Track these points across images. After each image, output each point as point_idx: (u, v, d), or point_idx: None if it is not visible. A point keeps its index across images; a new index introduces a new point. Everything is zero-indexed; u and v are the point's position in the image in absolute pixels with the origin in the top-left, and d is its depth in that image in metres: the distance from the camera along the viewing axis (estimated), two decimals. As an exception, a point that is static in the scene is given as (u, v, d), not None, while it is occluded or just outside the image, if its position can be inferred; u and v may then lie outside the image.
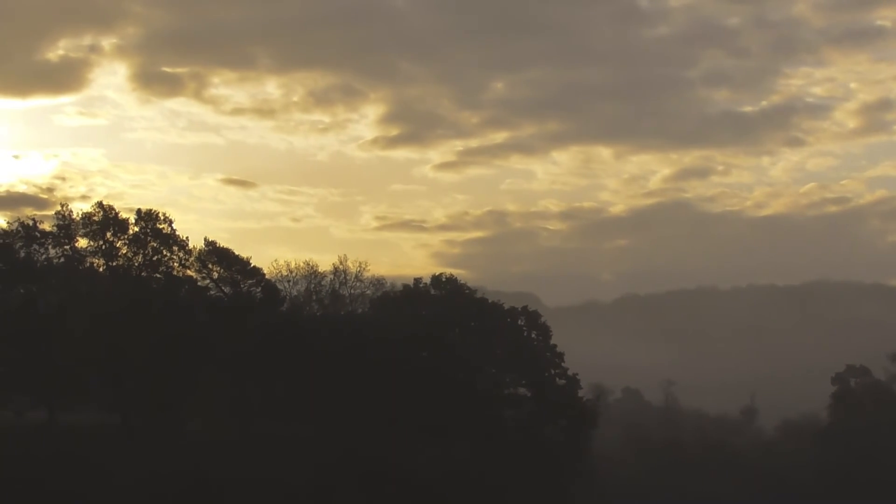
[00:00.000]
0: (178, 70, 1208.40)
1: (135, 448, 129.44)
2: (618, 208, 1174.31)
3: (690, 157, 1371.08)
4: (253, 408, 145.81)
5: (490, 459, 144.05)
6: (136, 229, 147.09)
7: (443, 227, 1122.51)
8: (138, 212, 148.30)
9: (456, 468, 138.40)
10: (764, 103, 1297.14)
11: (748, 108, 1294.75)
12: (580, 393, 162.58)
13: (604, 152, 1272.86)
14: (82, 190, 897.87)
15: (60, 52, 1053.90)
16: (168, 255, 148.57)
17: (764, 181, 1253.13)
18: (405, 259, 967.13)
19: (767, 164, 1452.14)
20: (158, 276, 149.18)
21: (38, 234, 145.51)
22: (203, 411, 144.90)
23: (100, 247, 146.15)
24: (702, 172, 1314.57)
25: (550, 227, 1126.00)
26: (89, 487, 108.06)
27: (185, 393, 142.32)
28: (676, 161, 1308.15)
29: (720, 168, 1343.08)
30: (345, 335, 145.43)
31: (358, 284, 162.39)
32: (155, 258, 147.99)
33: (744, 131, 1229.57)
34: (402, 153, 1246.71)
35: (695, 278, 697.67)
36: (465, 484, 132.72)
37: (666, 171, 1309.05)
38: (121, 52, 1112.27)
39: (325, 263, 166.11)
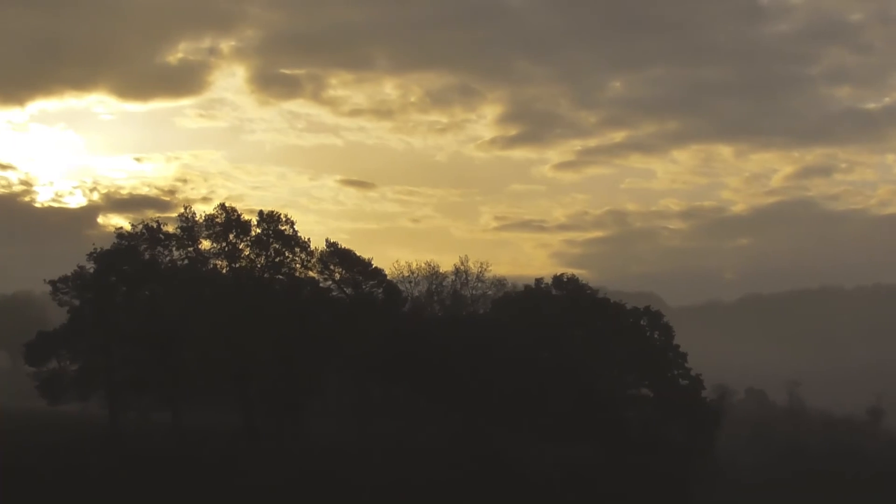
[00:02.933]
0: (297, 72, 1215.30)
1: (258, 450, 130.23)
2: (739, 207, 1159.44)
3: (812, 155, 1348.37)
4: (375, 409, 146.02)
5: (611, 460, 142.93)
6: (259, 231, 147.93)
7: (563, 227, 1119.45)
8: (260, 213, 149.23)
9: (577, 469, 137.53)
10: (887, 100, 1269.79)
11: (871, 105, 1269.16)
12: (703, 393, 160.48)
13: (724, 151, 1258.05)
14: (203, 192, 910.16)
15: (180, 55, 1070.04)
16: (290, 256, 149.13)
17: (888, 178, 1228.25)
18: (525, 259, 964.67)
19: (892, 162, 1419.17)
20: (281, 277, 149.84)
21: (162, 237, 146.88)
22: (326, 413, 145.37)
23: (223, 248, 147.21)
24: (824, 170, 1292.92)
25: (671, 227, 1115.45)
26: (213, 489, 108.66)
27: (308, 394, 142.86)
28: (798, 159, 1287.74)
29: (843, 166, 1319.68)
30: (467, 336, 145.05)
31: (479, 285, 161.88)
32: (277, 260, 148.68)
33: (867, 128, 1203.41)
34: (520, 153, 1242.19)
35: (819, 277, 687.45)
36: (586, 485, 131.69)
37: (788, 169, 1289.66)
38: (239, 54, 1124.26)
39: (445, 264, 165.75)
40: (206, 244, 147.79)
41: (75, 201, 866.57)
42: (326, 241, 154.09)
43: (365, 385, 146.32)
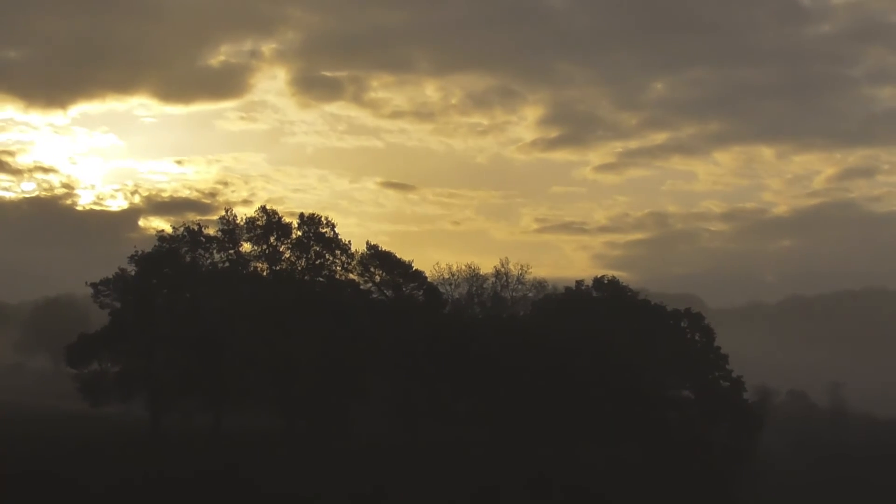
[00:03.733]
0: (337, 74, 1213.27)
1: (299, 452, 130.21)
2: (781, 209, 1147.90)
3: (855, 157, 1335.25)
4: (417, 411, 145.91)
5: (653, 462, 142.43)
6: (299, 233, 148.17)
7: (603, 229, 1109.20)
8: (301, 216, 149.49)
9: (619, 470, 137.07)
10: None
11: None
12: (745, 395, 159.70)
13: (766, 152, 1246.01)
14: (244, 194, 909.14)
15: (222, 58, 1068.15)
16: (331, 258, 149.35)
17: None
18: (566, 261, 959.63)
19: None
20: (321, 279, 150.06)
21: (204, 239, 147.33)
22: (367, 415, 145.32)
23: (263, 251, 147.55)
24: (867, 172, 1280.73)
25: (712, 229, 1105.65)
26: (254, 492, 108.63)
27: (349, 397, 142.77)
28: (840, 160, 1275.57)
29: (886, 167, 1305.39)
30: (507, 338, 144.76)
31: (520, 287, 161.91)
32: (318, 262, 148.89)
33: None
34: (561, 155, 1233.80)
35: (862, 279, 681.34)
36: (628, 486, 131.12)
37: (830, 170, 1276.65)
38: (280, 57, 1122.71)
39: (486, 266, 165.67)
40: (246, 247, 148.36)
41: (117, 204, 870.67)
42: (367, 243, 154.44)
43: (406, 387, 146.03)
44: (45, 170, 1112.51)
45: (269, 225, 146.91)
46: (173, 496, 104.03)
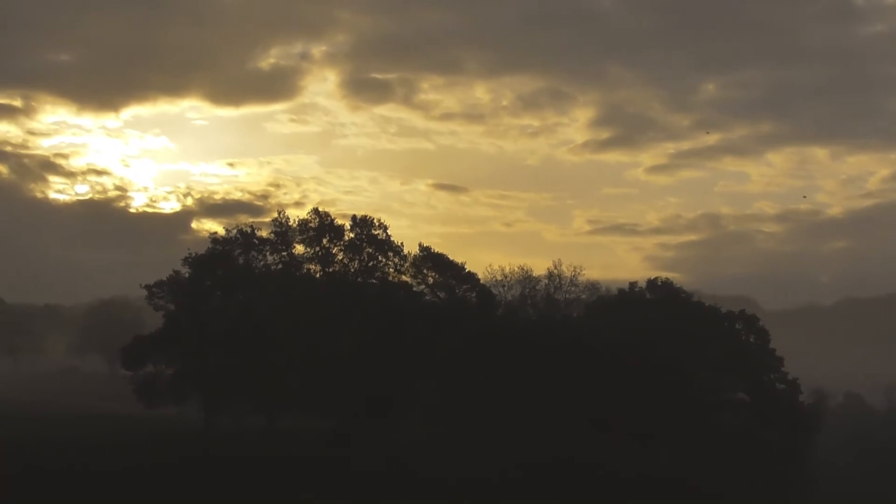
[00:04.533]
0: (388, 76, 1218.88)
1: (350, 453, 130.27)
2: (835, 210, 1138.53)
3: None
4: (469, 412, 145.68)
5: (707, 465, 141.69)
6: (352, 235, 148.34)
7: (656, 231, 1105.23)
8: (353, 218, 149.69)
9: (672, 473, 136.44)
10: None
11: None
12: (800, 398, 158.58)
13: (819, 153, 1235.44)
14: (296, 196, 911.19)
15: (272, 60, 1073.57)
16: (383, 260, 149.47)
17: None
18: (618, 263, 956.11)
19: None
20: (374, 282, 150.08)
21: (257, 241, 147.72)
22: (418, 417, 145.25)
23: (316, 253, 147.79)
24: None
25: (765, 230, 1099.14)
26: (305, 491, 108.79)
27: (402, 398, 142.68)
28: (895, 161, 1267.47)
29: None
30: (560, 340, 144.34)
31: (572, 289, 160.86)
32: (370, 264, 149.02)
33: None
34: (612, 156, 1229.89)
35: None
36: (682, 489, 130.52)
37: (884, 171, 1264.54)
38: (331, 59, 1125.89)
39: (538, 268, 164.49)
40: (299, 249, 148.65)
41: (169, 206, 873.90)
42: (420, 245, 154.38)
43: (458, 389, 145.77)
44: (98, 172, 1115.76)
45: (321, 227, 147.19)
46: (222, 495, 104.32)
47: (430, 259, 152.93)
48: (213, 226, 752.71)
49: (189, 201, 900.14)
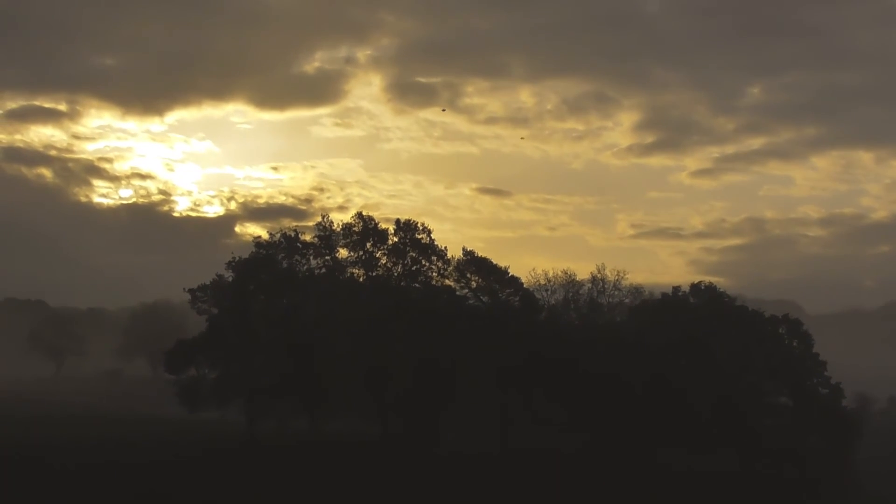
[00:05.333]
0: (432, 80, 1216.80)
1: (395, 457, 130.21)
2: (880, 214, 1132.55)
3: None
4: (513, 416, 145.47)
5: (750, 469, 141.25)
6: (396, 239, 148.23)
7: (700, 235, 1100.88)
8: (397, 222, 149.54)
9: (715, 477, 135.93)
10: None
11: None
12: (843, 402, 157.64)
13: (864, 157, 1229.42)
14: (339, 201, 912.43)
15: (317, 64, 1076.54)
16: (427, 264, 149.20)
17: None
18: (662, 267, 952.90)
19: None
20: (417, 285, 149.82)
21: (300, 245, 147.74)
22: (463, 420, 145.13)
23: (360, 257, 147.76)
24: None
25: (810, 234, 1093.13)
26: (349, 497, 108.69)
27: (445, 402, 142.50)
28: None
29: None
30: (604, 344, 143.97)
31: (616, 293, 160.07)
32: (414, 268, 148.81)
33: None
34: (657, 160, 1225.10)
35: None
36: (724, 492, 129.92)
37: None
38: (375, 63, 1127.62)
39: (582, 272, 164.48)
40: (343, 253, 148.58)
41: (213, 210, 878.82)
42: (463, 249, 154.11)
43: (502, 393, 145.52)
44: (143, 176, 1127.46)
45: (365, 231, 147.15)
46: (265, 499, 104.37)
47: (473, 263, 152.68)
48: (256, 230, 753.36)
49: (233, 205, 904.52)
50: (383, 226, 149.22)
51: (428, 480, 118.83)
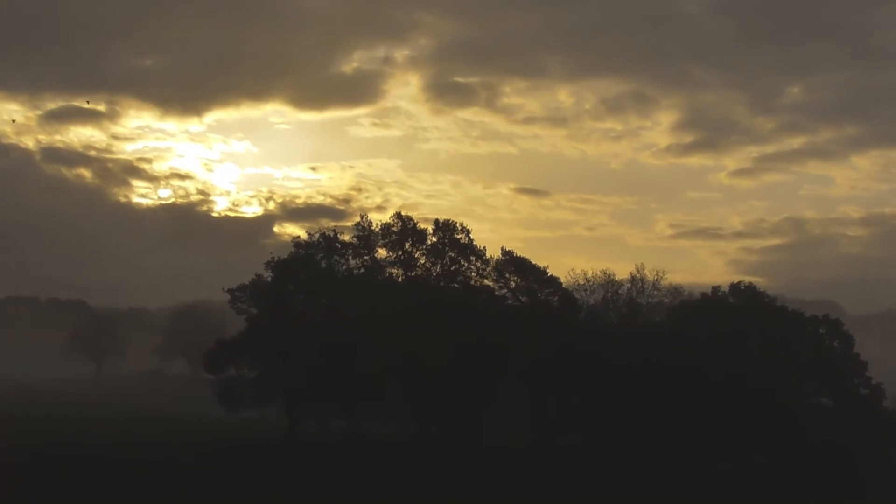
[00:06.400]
0: (470, 80, 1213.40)
1: (434, 459, 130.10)
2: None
3: None
4: (549, 418, 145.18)
5: (790, 471, 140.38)
6: (434, 239, 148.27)
7: (739, 235, 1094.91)
8: (436, 222, 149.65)
9: (755, 478, 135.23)
10: None
11: None
12: (885, 403, 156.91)
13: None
14: (378, 201, 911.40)
15: (355, 64, 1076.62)
16: (465, 264, 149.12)
17: None
18: (701, 267, 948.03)
19: None
20: (456, 286, 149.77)
21: (339, 245, 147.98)
22: (500, 421, 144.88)
23: (399, 257, 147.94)
24: None
25: (850, 234, 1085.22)
26: (388, 498, 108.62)
27: (484, 403, 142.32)
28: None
29: None
30: (643, 344, 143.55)
31: (655, 293, 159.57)
32: (453, 268, 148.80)
33: None
34: (696, 160, 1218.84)
35: None
36: (763, 494, 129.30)
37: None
38: (413, 63, 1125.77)
39: (620, 272, 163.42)
40: (382, 253, 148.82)
41: (252, 210, 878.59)
42: (502, 249, 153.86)
43: (540, 394, 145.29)
44: (181, 176, 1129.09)
45: (404, 231, 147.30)
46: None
47: (512, 263, 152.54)
48: (295, 230, 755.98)
49: (271, 205, 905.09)
50: (422, 226, 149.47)
51: (477, 474, 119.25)
